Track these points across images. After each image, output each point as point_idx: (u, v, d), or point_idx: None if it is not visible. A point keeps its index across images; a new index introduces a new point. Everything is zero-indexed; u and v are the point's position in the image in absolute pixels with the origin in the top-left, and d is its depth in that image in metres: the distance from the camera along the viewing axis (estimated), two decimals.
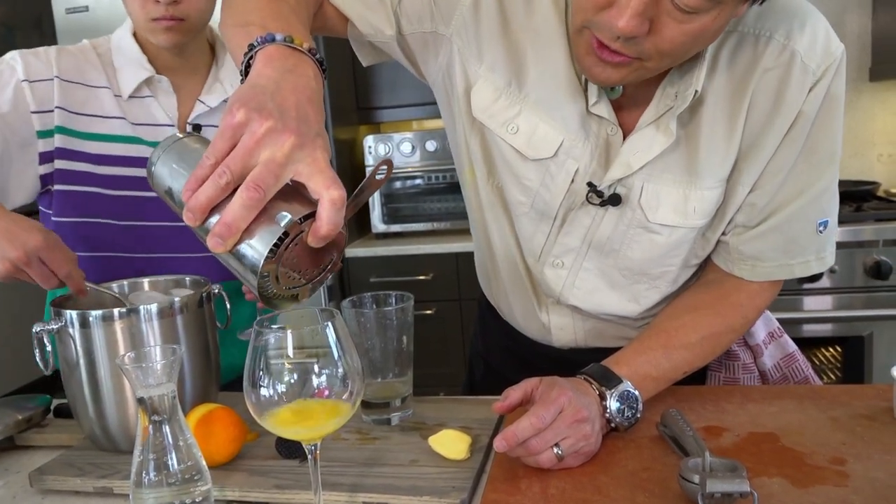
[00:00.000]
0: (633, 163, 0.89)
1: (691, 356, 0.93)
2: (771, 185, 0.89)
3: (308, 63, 0.71)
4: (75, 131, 1.18)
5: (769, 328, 1.09)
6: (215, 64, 1.28)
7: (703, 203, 0.90)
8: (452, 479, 0.80)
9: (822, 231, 0.92)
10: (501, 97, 0.93)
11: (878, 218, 2.34)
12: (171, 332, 0.92)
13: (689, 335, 0.92)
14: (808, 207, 0.90)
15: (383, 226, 2.89)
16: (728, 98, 0.87)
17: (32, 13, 3.62)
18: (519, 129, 0.92)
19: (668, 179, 0.90)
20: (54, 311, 0.92)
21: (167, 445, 0.70)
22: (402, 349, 0.95)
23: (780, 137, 0.87)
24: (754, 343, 1.07)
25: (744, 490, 0.66)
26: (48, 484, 0.88)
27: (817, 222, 0.91)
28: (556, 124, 0.91)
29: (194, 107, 1.24)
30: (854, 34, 2.81)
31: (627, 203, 0.91)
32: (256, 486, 0.82)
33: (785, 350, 1.08)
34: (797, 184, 0.89)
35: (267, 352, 0.66)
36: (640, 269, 0.96)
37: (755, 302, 0.96)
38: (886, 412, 0.87)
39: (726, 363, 1.08)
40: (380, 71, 2.93)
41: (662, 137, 0.87)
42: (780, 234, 0.91)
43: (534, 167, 0.93)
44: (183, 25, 1.15)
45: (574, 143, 0.91)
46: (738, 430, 0.86)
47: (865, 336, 2.34)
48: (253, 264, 0.60)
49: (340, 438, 0.92)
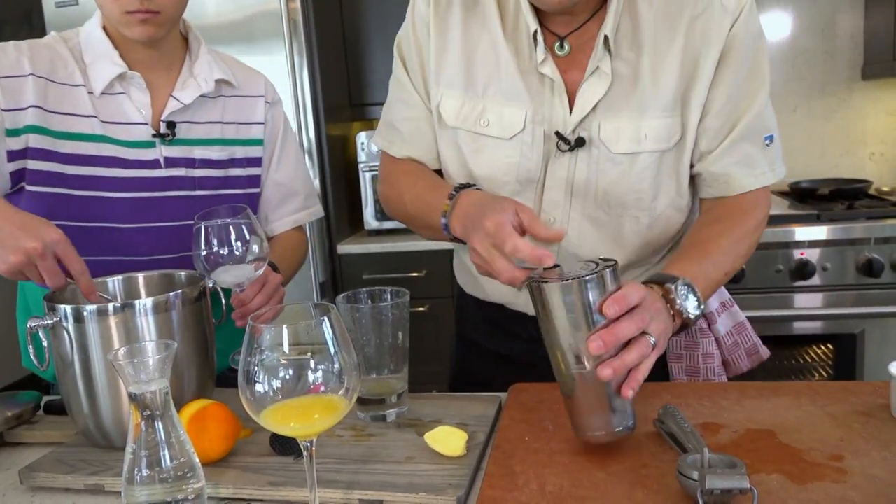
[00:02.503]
0: (587, 105, 1.02)
1: (730, 258, 1.02)
2: (717, 109, 1.03)
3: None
4: (50, 130, 1.14)
5: (721, 298, 1.18)
6: (189, 57, 1.25)
7: (654, 130, 1.02)
8: (449, 475, 0.79)
9: (769, 145, 1.07)
10: (465, 103, 1.08)
11: (869, 216, 2.35)
12: (166, 327, 0.91)
13: (720, 240, 1.02)
14: (753, 124, 1.05)
15: (376, 222, 2.88)
16: (663, 43, 1.02)
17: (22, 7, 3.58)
18: (489, 121, 1.07)
19: (622, 115, 1.03)
20: (48, 307, 0.91)
21: (160, 442, 0.69)
22: (397, 345, 0.94)
23: (713, 69, 1.01)
24: (708, 311, 1.15)
25: (743, 486, 0.66)
26: (38, 481, 0.87)
27: (763, 136, 1.07)
28: (517, 102, 1.05)
29: (168, 103, 1.21)
30: (846, 33, 2.82)
31: (591, 143, 1.04)
32: (250, 483, 0.81)
33: (736, 319, 1.18)
34: (739, 105, 1.04)
35: (262, 347, 0.66)
36: (617, 199, 1.06)
37: (756, 208, 1.07)
38: (883, 409, 0.87)
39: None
40: (373, 67, 2.92)
41: (603, 80, 1.02)
42: (737, 151, 1.05)
43: (511, 144, 1.06)
44: (158, 18, 1.12)
45: (536, 109, 1.05)
46: (735, 426, 0.85)
47: (857, 334, 2.34)
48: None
49: (335, 435, 0.91)
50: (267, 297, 1.11)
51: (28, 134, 1.12)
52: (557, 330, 0.77)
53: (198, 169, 1.23)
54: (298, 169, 1.39)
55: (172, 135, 1.20)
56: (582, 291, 0.76)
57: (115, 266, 1.17)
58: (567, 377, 0.79)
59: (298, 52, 2.58)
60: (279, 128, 1.35)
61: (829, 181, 2.71)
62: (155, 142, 1.20)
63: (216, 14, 2.54)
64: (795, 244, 2.33)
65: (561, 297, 0.76)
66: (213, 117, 1.26)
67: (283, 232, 1.38)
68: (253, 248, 1.05)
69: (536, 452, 0.82)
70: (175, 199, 1.21)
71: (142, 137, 1.19)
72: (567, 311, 0.76)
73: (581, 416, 0.80)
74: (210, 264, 1.04)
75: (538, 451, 0.83)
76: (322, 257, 2.72)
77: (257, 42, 2.53)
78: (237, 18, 2.54)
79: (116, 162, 1.18)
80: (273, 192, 1.35)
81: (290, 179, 1.37)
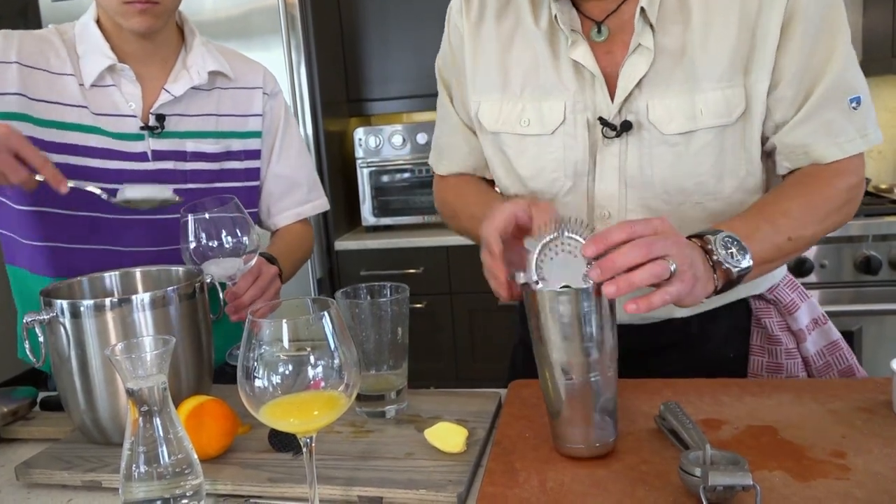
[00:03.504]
0: (629, 85, 0.97)
1: (796, 221, 0.93)
2: (790, 75, 0.95)
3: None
4: (33, 118, 1.13)
5: (813, 315, 1.10)
6: (184, 49, 1.24)
7: (711, 104, 0.95)
8: (449, 472, 0.79)
9: (857, 108, 0.96)
10: (503, 106, 1.06)
11: (867, 213, 2.35)
12: (164, 322, 0.91)
13: (784, 202, 0.95)
14: (833, 87, 0.95)
15: (373, 219, 2.87)
16: (716, 9, 0.95)
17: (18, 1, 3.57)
18: (530, 120, 1.03)
19: (671, 91, 0.96)
20: (44, 302, 0.90)
21: (158, 438, 0.68)
22: (396, 341, 0.94)
23: (778, 30, 0.93)
24: (797, 328, 1.08)
25: (746, 483, 0.65)
26: (34, 478, 0.86)
27: (848, 100, 0.96)
28: (554, 94, 1.02)
29: (159, 96, 1.20)
30: None
31: (641, 126, 0.98)
32: (249, 479, 0.81)
33: (829, 338, 1.10)
34: (814, 67, 0.95)
35: (262, 343, 0.65)
36: (677, 185, 0.99)
37: (839, 175, 0.98)
38: (885, 405, 0.86)
39: (769, 348, 1.09)
40: (370, 63, 2.91)
41: (645, 56, 0.96)
42: (816, 119, 0.96)
43: (554, 139, 1.02)
44: (156, 9, 1.12)
45: (576, 98, 1.00)
46: (736, 423, 0.85)
47: (855, 331, 2.34)
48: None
49: (334, 431, 0.90)
50: (260, 290, 1.10)
51: (10, 121, 1.10)
52: (549, 338, 0.76)
53: (189, 162, 1.22)
54: (301, 161, 1.38)
55: (161, 128, 1.20)
56: (577, 301, 0.75)
57: (104, 256, 1.17)
58: (554, 390, 0.78)
59: (296, 48, 2.57)
60: (279, 120, 1.34)
61: None
62: (144, 134, 1.19)
63: (213, 9, 2.52)
64: None
65: (555, 305, 0.75)
66: (208, 109, 1.25)
67: (287, 225, 1.37)
68: (242, 240, 1.04)
69: (537, 449, 0.82)
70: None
71: (131, 130, 1.19)
72: (559, 319, 0.75)
73: (562, 428, 0.79)
74: (199, 257, 1.03)
75: (538, 447, 0.82)
76: (319, 254, 2.71)
77: (255, 37, 2.52)
78: (234, 14, 2.53)
79: (105, 153, 1.17)
80: (275, 185, 1.34)
81: (293, 172, 1.35)
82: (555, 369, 0.77)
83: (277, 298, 1.16)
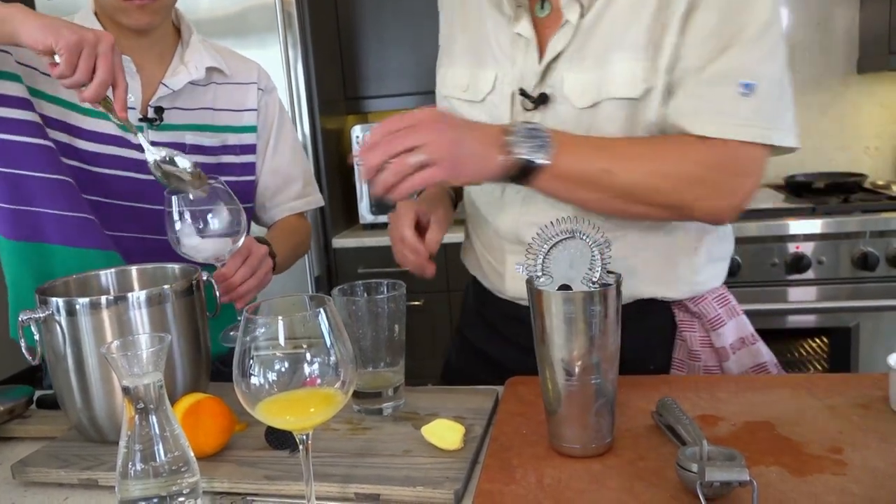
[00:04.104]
0: (548, 58, 0.99)
1: (620, 160, 0.91)
2: (688, 53, 0.92)
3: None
4: (42, 92, 1.14)
5: (741, 333, 1.06)
6: (181, 45, 1.25)
7: (619, 76, 0.94)
8: (446, 469, 0.79)
9: (747, 94, 0.90)
10: (451, 72, 1.12)
11: (864, 209, 2.35)
12: (160, 320, 0.90)
13: (627, 142, 0.94)
14: (726, 70, 0.91)
15: (371, 216, 2.87)
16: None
17: None
18: (468, 86, 1.08)
19: (585, 65, 0.97)
20: (40, 300, 0.90)
21: (154, 436, 0.68)
22: (393, 338, 0.93)
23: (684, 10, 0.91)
24: (720, 345, 1.05)
25: (743, 479, 0.65)
26: (31, 476, 0.86)
27: (738, 83, 0.90)
28: (490, 64, 1.05)
29: (157, 89, 1.21)
30: (842, 27, 2.81)
31: (556, 100, 0.99)
32: (245, 477, 0.80)
33: (756, 359, 1.06)
34: (713, 51, 0.91)
35: (257, 340, 0.65)
36: None
37: (705, 153, 0.92)
38: (882, 401, 0.86)
39: (689, 363, 1.07)
40: (367, 60, 2.90)
41: (567, 30, 0.98)
42: (702, 96, 0.92)
43: (482, 106, 1.06)
44: (155, 5, 1.12)
45: (506, 70, 1.03)
46: (733, 419, 0.85)
47: (852, 327, 2.35)
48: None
49: (331, 429, 0.90)
50: (251, 269, 1.10)
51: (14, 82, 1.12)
52: (552, 337, 0.76)
53: (188, 155, 1.22)
54: (296, 157, 1.38)
55: (160, 120, 1.20)
56: (584, 303, 0.74)
57: (110, 241, 1.18)
58: (553, 389, 0.78)
59: (293, 45, 2.57)
60: (274, 115, 1.34)
61: (824, 175, 2.71)
62: (142, 126, 1.19)
63: (210, 7, 2.52)
64: (790, 238, 2.33)
65: (561, 305, 0.75)
66: (204, 104, 1.26)
67: (282, 218, 1.38)
68: (228, 219, 1.04)
69: (534, 445, 0.82)
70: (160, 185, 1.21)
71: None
72: (565, 320, 0.75)
73: (559, 427, 0.79)
74: (185, 238, 1.02)
75: (536, 443, 0.82)
76: (317, 251, 2.71)
77: (251, 35, 2.52)
78: (231, 11, 2.52)
79: (113, 140, 1.18)
80: (270, 180, 1.34)
81: (287, 167, 1.36)
82: (556, 369, 0.77)
83: (269, 279, 1.15)
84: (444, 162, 0.84)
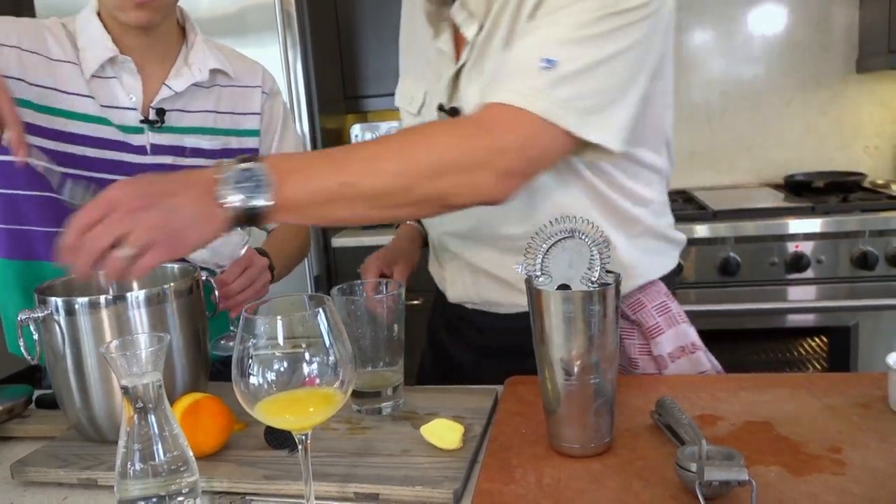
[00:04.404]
0: (453, 72, 1.02)
1: (363, 165, 0.83)
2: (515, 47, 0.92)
3: None
4: (33, 103, 1.13)
5: (681, 342, 1.04)
6: (185, 45, 1.24)
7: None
8: (445, 468, 0.79)
9: (549, 68, 0.85)
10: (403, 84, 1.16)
11: (864, 209, 2.35)
12: (160, 319, 0.90)
13: (373, 144, 0.89)
14: (531, 47, 0.87)
15: None
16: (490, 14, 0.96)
17: None
18: (412, 97, 1.11)
19: (483, 79, 0.98)
20: (39, 299, 0.89)
21: (153, 436, 0.68)
22: (392, 337, 0.94)
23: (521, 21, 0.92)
24: (658, 353, 1.04)
25: (742, 478, 0.65)
26: (30, 476, 0.86)
27: (540, 58, 0.86)
28: (421, 79, 1.09)
29: (159, 90, 1.20)
30: (841, 26, 2.81)
31: (465, 112, 1.00)
32: (245, 476, 0.80)
33: (697, 368, 1.04)
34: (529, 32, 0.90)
35: (256, 340, 0.65)
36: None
37: (485, 129, 0.86)
38: (881, 401, 0.86)
39: (628, 370, 1.06)
40: (367, 59, 2.90)
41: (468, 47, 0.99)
42: (501, 71, 0.90)
43: (419, 120, 1.09)
44: (155, 3, 1.12)
45: (432, 85, 1.06)
46: (732, 418, 0.85)
47: (851, 326, 2.34)
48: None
49: (330, 428, 0.90)
50: (249, 279, 1.10)
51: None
52: (551, 337, 0.76)
53: (188, 158, 1.22)
54: None
55: (161, 122, 1.20)
56: (583, 303, 0.74)
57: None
58: (552, 389, 0.78)
59: (292, 45, 2.56)
60: (278, 119, 1.34)
61: (823, 174, 2.71)
62: (143, 128, 1.19)
63: (209, 6, 2.51)
64: (790, 237, 2.33)
65: (560, 305, 0.75)
66: (207, 106, 1.25)
67: (282, 224, 1.37)
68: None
69: (533, 445, 0.82)
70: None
71: (130, 123, 1.19)
72: (564, 320, 0.75)
73: (558, 426, 0.79)
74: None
75: (535, 443, 0.82)
76: (316, 251, 2.70)
77: (250, 34, 2.51)
78: (230, 10, 2.52)
79: (108, 144, 1.18)
80: None
81: None
82: (555, 369, 0.77)
83: (266, 291, 1.16)
84: (160, 243, 0.75)
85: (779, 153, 2.88)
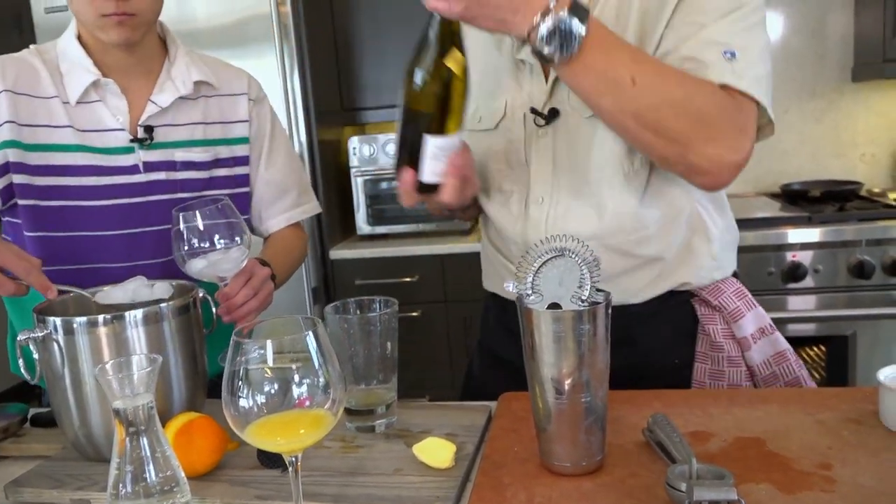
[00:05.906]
0: (553, 76, 1.03)
1: (651, 76, 0.91)
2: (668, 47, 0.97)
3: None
4: (22, 143, 1.14)
5: (760, 324, 1.10)
6: (168, 60, 1.24)
7: None
8: (437, 488, 0.79)
9: (731, 57, 0.94)
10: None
11: (861, 218, 2.35)
12: (157, 338, 0.91)
13: (659, 63, 0.95)
14: (707, 41, 0.94)
15: (368, 227, 2.87)
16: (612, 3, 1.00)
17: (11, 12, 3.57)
18: (482, 117, 1.13)
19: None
20: (38, 319, 0.90)
21: (144, 457, 0.68)
22: (386, 355, 0.94)
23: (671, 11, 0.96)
24: (741, 336, 1.08)
25: (731, 498, 0.66)
26: (24, 496, 0.86)
27: (722, 51, 0.94)
28: (500, 92, 1.10)
29: (145, 108, 1.21)
30: (837, 35, 2.82)
31: (566, 114, 1.04)
32: (237, 496, 0.81)
33: (776, 347, 1.09)
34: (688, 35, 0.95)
35: (246, 362, 0.65)
36: (598, 166, 1.03)
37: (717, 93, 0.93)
38: (872, 415, 0.87)
39: (711, 355, 1.09)
40: (365, 72, 2.91)
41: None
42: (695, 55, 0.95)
43: (497, 133, 1.11)
44: (134, 20, 1.12)
45: (515, 95, 1.09)
46: (724, 434, 0.85)
47: (849, 335, 2.35)
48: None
49: (323, 447, 0.90)
50: (253, 289, 1.10)
51: (6, 149, 1.13)
52: (541, 355, 0.77)
53: (180, 172, 1.23)
54: (290, 166, 1.38)
55: (150, 139, 1.20)
56: (573, 322, 0.75)
57: (96, 274, 1.17)
58: (543, 406, 0.79)
59: (289, 57, 2.57)
60: (266, 125, 1.34)
61: (820, 183, 2.72)
62: (133, 147, 1.19)
63: (206, 18, 2.52)
64: (787, 246, 2.34)
65: (550, 323, 0.75)
66: (195, 118, 1.25)
67: (279, 231, 1.38)
68: (234, 239, 1.04)
69: (525, 463, 0.82)
70: (157, 204, 1.21)
71: (120, 143, 1.19)
72: (554, 338, 0.76)
73: (549, 444, 0.80)
74: (190, 257, 1.03)
75: (527, 461, 0.82)
76: (314, 262, 2.71)
77: (248, 46, 2.53)
78: (227, 22, 2.53)
79: (93, 170, 1.18)
80: (265, 191, 1.35)
81: (282, 176, 1.36)
82: (546, 387, 0.77)
83: (270, 300, 1.16)
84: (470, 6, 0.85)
85: (775, 162, 2.89)
